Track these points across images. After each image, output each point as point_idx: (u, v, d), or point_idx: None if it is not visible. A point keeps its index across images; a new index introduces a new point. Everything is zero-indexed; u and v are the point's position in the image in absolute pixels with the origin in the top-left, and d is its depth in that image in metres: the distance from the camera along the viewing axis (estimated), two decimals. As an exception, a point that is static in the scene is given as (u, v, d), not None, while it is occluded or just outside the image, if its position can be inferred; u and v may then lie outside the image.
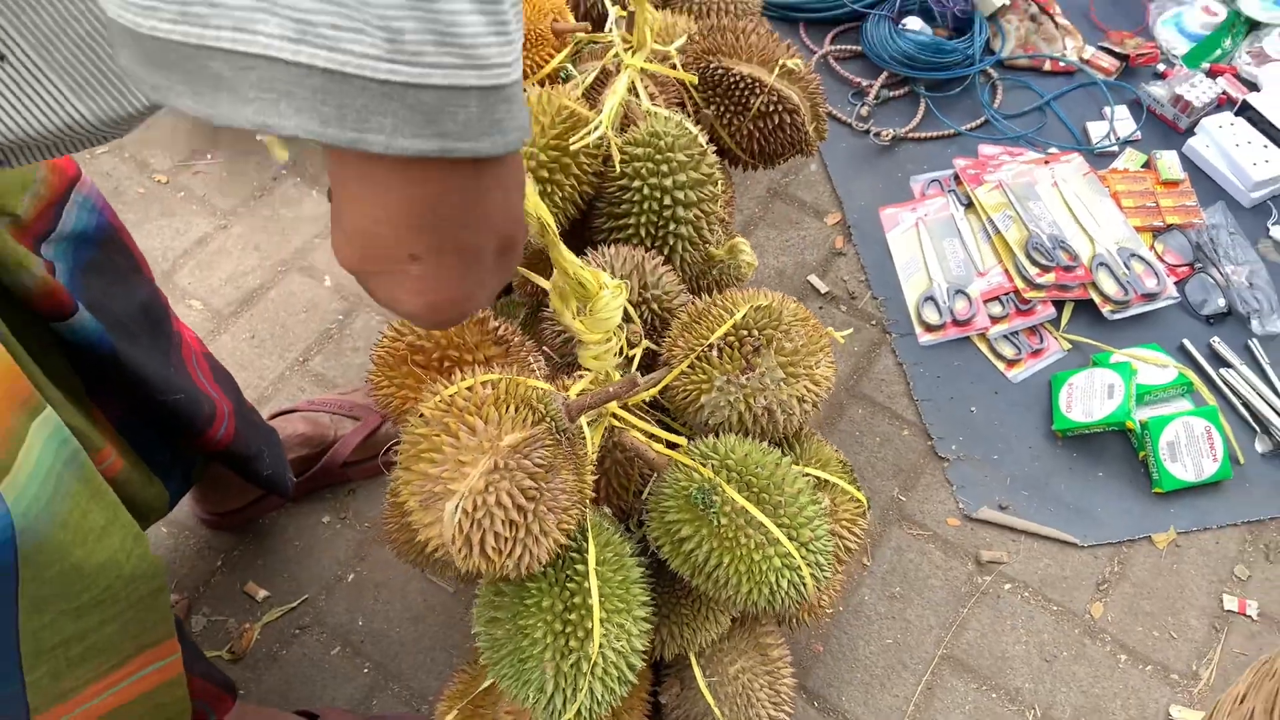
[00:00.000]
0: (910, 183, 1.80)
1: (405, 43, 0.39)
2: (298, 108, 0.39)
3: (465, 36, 0.40)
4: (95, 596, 0.84)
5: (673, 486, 0.92)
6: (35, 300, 0.83)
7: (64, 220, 0.90)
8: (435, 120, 0.41)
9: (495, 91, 0.43)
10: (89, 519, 0.81)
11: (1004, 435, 1.54)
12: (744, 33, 1.28)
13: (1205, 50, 1.95)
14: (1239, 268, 1.69)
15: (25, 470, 0.74)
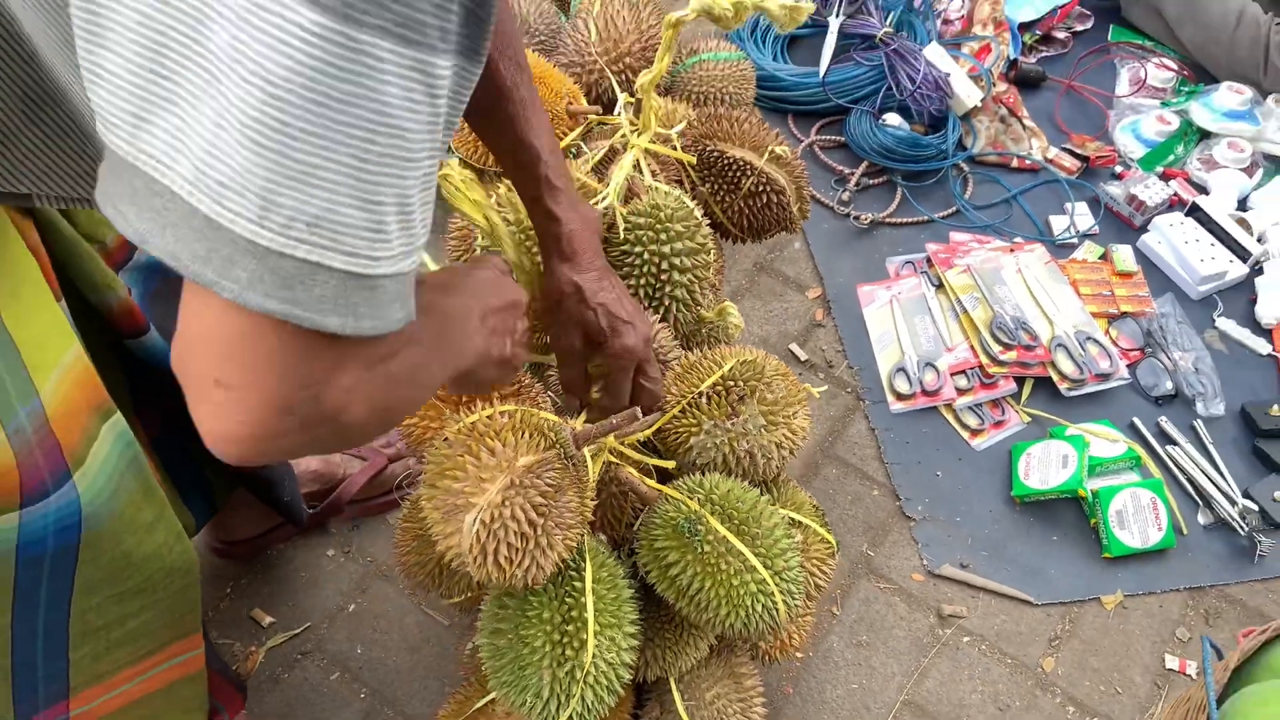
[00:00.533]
0: (886, 263, 1.95)
1: (278, 213, 0.46)
2: (178, 237, 0.47)
3: (338, 225, 0.48)
4: (138, 584, 0.93)
5: (662, 517, 1.03)
6: (116, 318, 0.95)
7: (139, 252, 1.02)
8: (289, 286, 0.47)
9: (357, 278, 0.49)
10: (141, 514, 0.91)
11: (967, 499, 1.66)
12: (737, 121, 1.43)
13: (1159, 155, 2.12)
14: (1186, 354, 1.82)
15: (95, 465, 0.85)
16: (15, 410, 0.78)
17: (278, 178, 0.46)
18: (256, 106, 0.45)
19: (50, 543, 0.83)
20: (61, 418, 0.81)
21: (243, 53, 0.44)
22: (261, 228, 0.47)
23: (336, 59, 0.45)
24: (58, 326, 0.82)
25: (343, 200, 0.48)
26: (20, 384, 0.78)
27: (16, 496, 0.78)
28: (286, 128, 0.45)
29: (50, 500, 0.81)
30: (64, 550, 0.84)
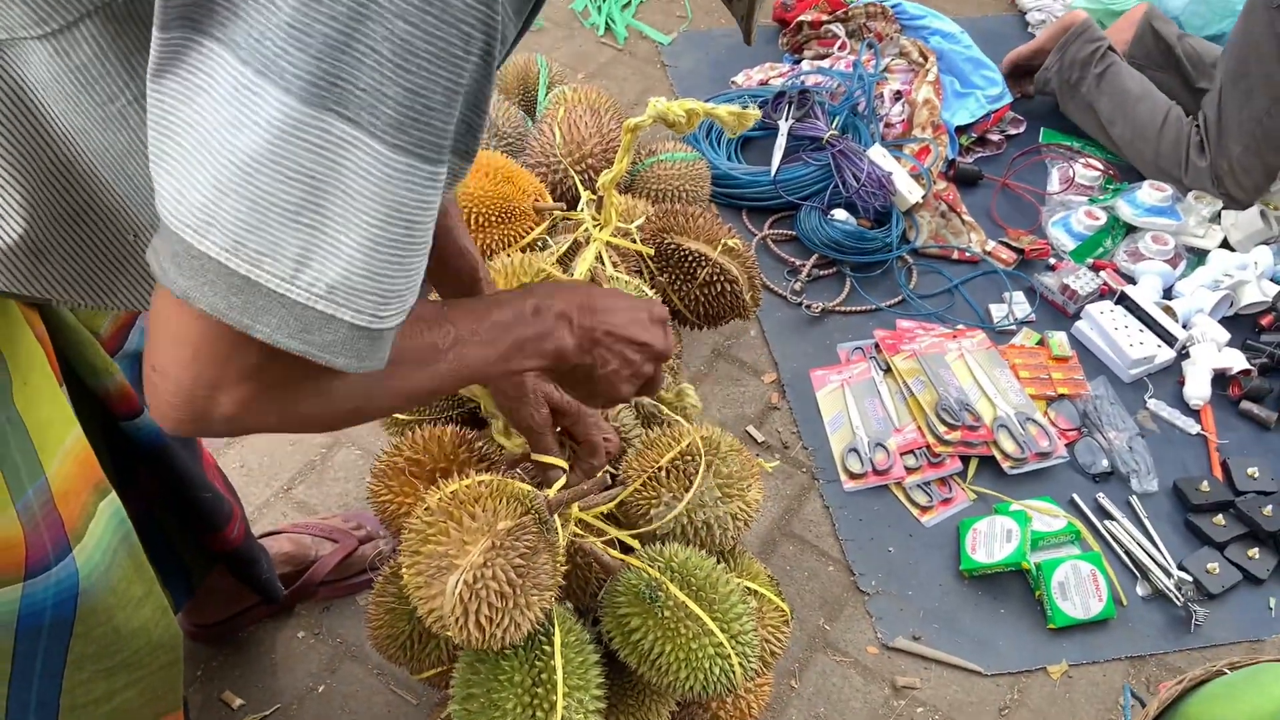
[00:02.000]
0: (837, 349, 2.05)
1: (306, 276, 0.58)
2: (215, 292, 0.57)
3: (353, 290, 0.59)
4: (125, 659, 0.97)
5: (624, 585, 1.09)
6: (113, 401, 1.01)
7: (130, 340, 1.09)
8: (309, 331, 0.59)
9: (363, 330, 0.61)
10: (132, 589, 0.96)
11: (918, 573, 1.73)
12: (693, 216, 1.54)
13: (1089, 248, 2.26)
14: (1120, 434, 1.93)
15: (92, 540, 0.90)
16: (25, 488, 0.83)
17: (310, 250, 0.58)
18: (298, 199, 0.56)
19: (49, 614, 0.87)
20: (64, 495, 0.87)
21: None
22: (293, 286, 0.58)
23: (366, 169, 0.57)
24: (61, 411, 0.88)
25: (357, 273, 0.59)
26: (30, 464, 0.84)
27: (21, 569, 0.83)
28: (322, 210, 0.57)
29: (51, 573, 0.86)
30: (60, 622, 0.89)
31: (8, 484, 0.82)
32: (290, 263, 0.57)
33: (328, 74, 0.54)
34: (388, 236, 0.59)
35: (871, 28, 2.60)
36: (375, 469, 1.18)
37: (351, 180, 0.57)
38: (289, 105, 0.54)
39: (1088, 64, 2.42)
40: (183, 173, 0.56)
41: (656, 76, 2.66)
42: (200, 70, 0.56)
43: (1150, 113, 2.35)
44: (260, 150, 0.55)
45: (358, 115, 0.55)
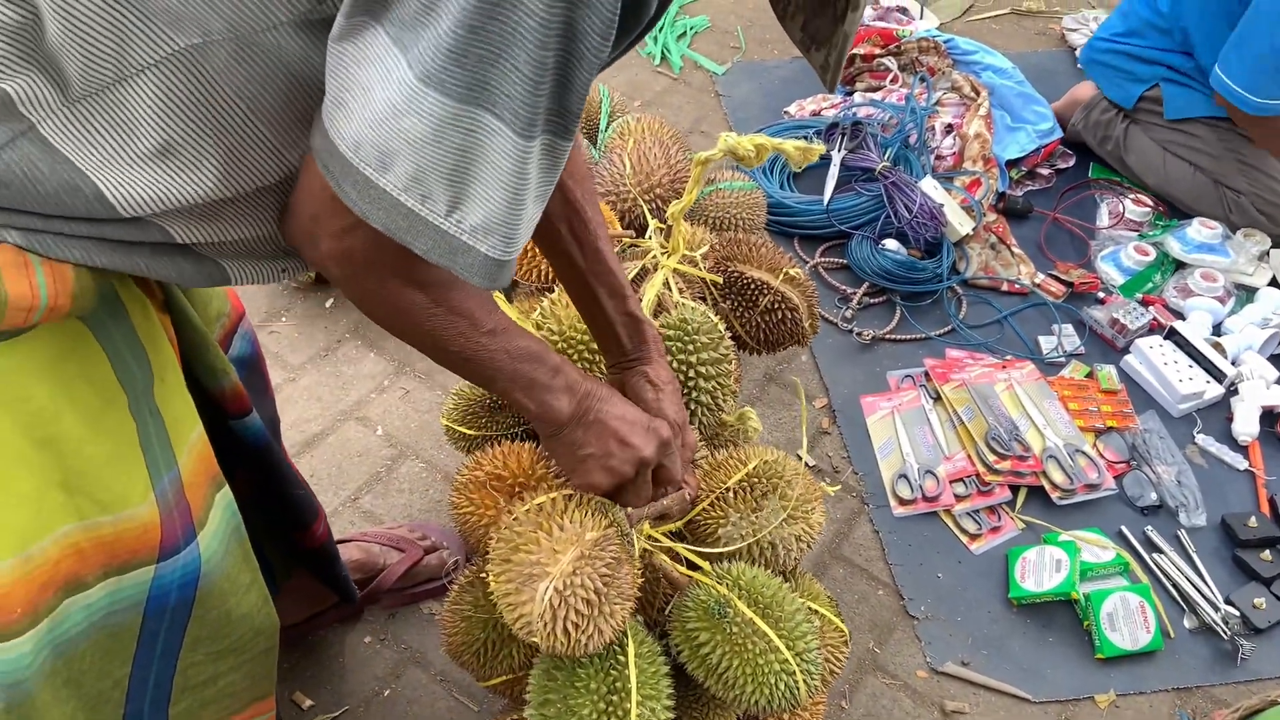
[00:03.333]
0: (887, 376, 2.09)
1: (455, 216, 0.74)
2: (388, 215, 0.73)
3: (489, 230, 0.76)
4: (232, 644, 1.04)
5: (693, 601, 1.14)
6: (227, 400, 1.08)
7: (233, 346, 1.16)
8: (454, 254, 0.76)
9: (494, 260, 0.77)
10: (241, 575, 1.03)
11: (966, 600, 1.76)
12: (755, 245, 1.59)
13: (1138, 283, 2.29)
14: (1169, 468, 1.95)
15: (211, 529, 0.98)
16: (162, 476, 0.90)
17: (460, 199, 0.74)
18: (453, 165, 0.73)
19: (174, 596, 0.94)
20: (191, 485, 0.94)
21: None
22: (446, 220, 0.74)
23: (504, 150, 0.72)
24: (188, 408, 0.95)
25: (494, 219, 0.76)
26: (166, 454, 0.91)
27: (155, 552, 0.91)
28: (470, 173, 0.74)
29: (180, 556, 0.93)
30: (182, 604, 0.95)
31: (149, 471, 0.89)
32: (444, 205, 0.73)
33: (479, 83, 0.69)
34: (517, 195, 0.75)
35: (924, 62, 2.65)
36: (457, 482, 1.23)
37: (493, 155, 0.72)
38: (447, 104, 0.70)
39: (1110, 125, 2.48)
40: (363, 127, 0.71)
41: (710, 105, 2.72)
42: (375, 53, 0.70)
43: (1179, 166, 2.39)
44: (426, 133, 0.71)
45: (501, 113, 0.71)
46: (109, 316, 0.86)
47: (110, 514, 0.87)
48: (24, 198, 0.74)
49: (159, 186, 0.77)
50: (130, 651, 0.95)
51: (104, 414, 0.86)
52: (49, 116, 0.73)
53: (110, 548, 0.89)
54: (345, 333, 2.05)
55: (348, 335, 2.04)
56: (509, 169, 0.73)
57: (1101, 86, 2.53)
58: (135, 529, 0.90)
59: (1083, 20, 3.04)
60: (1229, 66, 2.17)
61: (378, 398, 1.95)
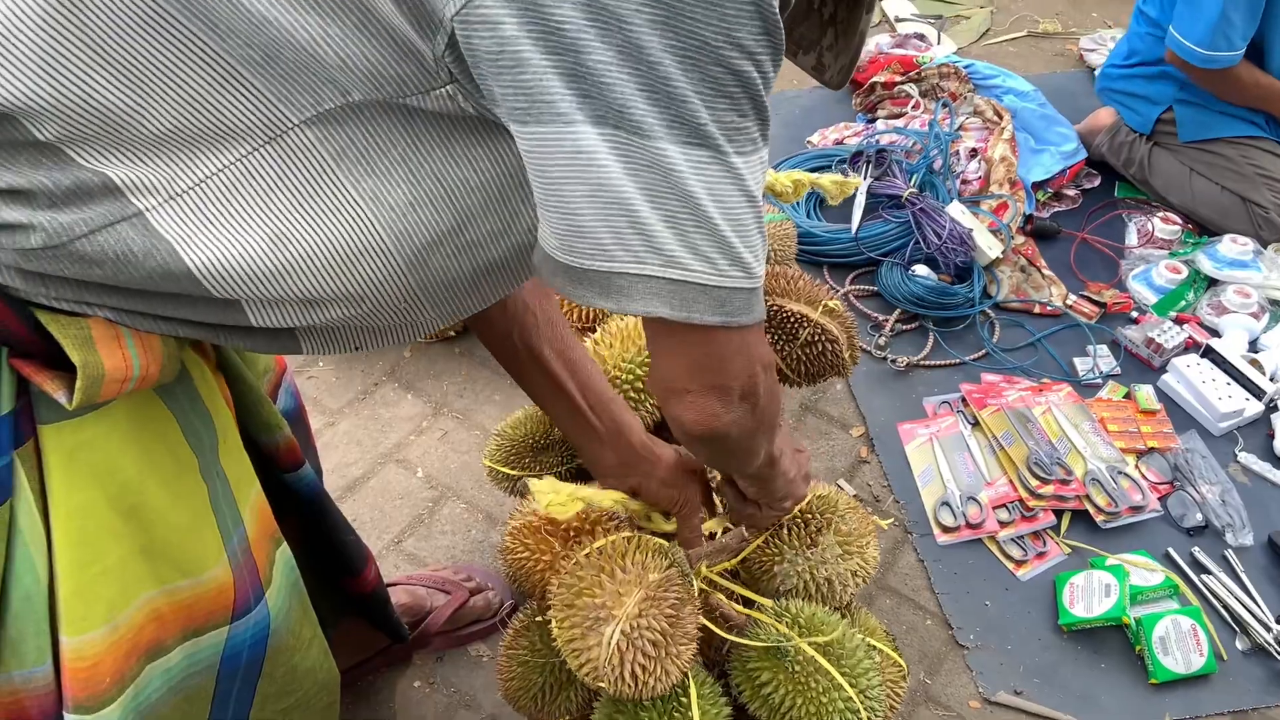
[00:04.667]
0: (923, 402, 2.08)
1: (718, 265, 0.68)
2: (661, 301, 0.69)
3: (745, 262, 0.70)
4: (298, 699, 1.04)
5: (754, 639, 1.13)
6: (280, 455, 1.08)
7: (279, 399, 1.16)
8: (724, 305, 0.71)
9: (753, 291, 0.72)
10: (303, 631, 1.03)
11: (1016, 627, 1.74)
12: (793, 279, 1.59)
13: (1171, 301, 2.28)
14: (1213, 487, 1.93)
15: (275, 586, 0.98)
16: (231, 536, 0.91)
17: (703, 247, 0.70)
18: (694, 215, 0.69)
19: (245, 655, 0.95)
20: (255, 544, 0.95)
21: None
22: (712, 274, 0.70)
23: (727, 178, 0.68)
24: (246, 467, 0.96)
25: (739, 247, 0.70)
26: (233, 514, 0.92)
27: (229, 613, 0.91)
28: (713, 216, 0.70)
29: (251, 615, 0.94)
30: (253, 662, 0.96)
31: (221, 533, 0.90)
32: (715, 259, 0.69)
33: (691, 122, 0.65)
34: (754, 216, 0.71)
35: (945, 87, 2.66)
36: (510, 527, 1.23)
37: (720, 190, 0.68)
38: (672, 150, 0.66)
39: (1134, 148, 2.49)
40: (605, 226, 0.68)
41: (733, 137, 2.73)
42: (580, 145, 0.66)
43: (1205, 185, 2.40)
44: (686, 192, 0.67)
45: (716, 144, 0.67)
46: (175, 381, 0.87)
47: (189, 577, 0.88)
48: (117, 276, 0.73)
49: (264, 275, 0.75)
50: (205, 714, 0.96)
51: (180, 479, 0.87)
52: (161, 204, 0.71)
53: (189, 611, 0.89)
54: (382, 375, 2.06)
55: (384, 378, 2.06)
56: (739, 185, 0.69)
57: (1120, 113, 2.54)
58: (211, 591, 0.91)
59: (1100, 40, 3.05)
60: (1181, 24, 2.23)
61: (417, 439, 1.95)
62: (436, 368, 2.08)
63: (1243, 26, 2.18)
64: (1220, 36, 2.18)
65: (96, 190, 0.71)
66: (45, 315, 0.76)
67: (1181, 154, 2.44)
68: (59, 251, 0.72)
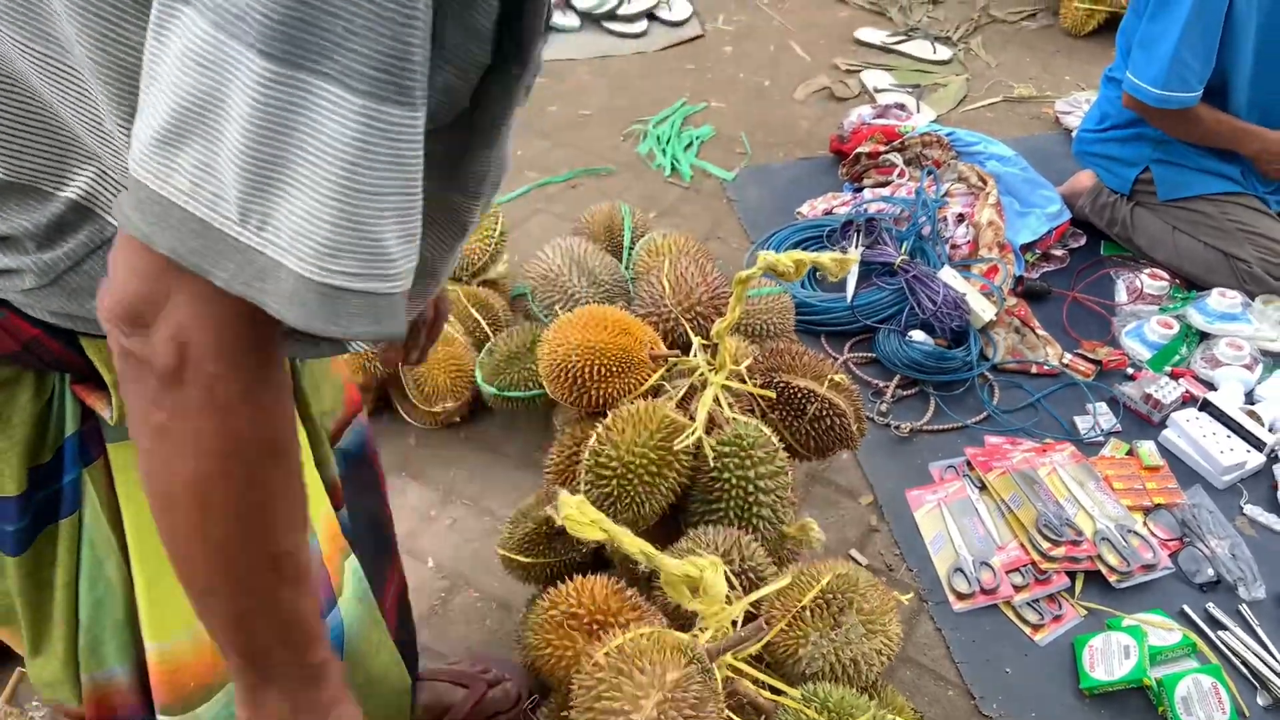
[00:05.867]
0: (929, 468, 2.09)
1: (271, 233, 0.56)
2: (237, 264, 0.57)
3: (340, 250, 0.57)
4: (376, 704, 1.07)
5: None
6: (333, 492, 1.10)
7: (345, 438, 1.17)
8: (262, 279, 0.57)
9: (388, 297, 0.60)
10: (372, 637, 1.07)
11: (1038, 694, 1.73)
12: (798, 355, 1.61)
13: (1165, 357, 2.31)
14: (1222, 541, 1.94)
15: (346, 595, 1.02)
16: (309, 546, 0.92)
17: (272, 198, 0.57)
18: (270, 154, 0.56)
19: None
20: (327, 556, 0.99)
21: None
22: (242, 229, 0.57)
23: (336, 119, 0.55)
24: (316, 486, 1.00)
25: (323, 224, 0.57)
26: None
27: None
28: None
29: (327, 620, 0.97)
30: None
31: None
32: (238, 211, 0.56)
33: (294, 31, 0.53)
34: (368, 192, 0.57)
35: (929, 155, 2.72)
36: (533, 623, 1.23)
37: (322, 128, 0.55)
38: (256, 63, 0.53)
39: (1116, 209, 2.55)
40: (147, 123, 0.57)
41: (724, 211, 2.78)
42: (174, 29, 0.55)
43: (1187, 241, 2.45)
44: (245, 113, 0.54)
45: (328, 68, 0.54)
46: None
47: None
48: None
49: None
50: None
51: None
52: None
53: None
54: (388, 464, 2.05)
55: (390, 468, 2.05)
56: (335, 130, 0.55)
57: (1099, 175, 2.60)
58: None
59: (1074, 103, 3.13)
60: (1137, 67, 2.30)
61: (426, 528, 1.95)
62: (443, 455, 2.09)
63: (1198, 68, 2.24)
64: (1175, 77, 2.24)
65: (71, 219, 0.74)
66: (85, 339, 0.80)
67: (1162, 212, 2.49)
68: (51, 289, 0.76)
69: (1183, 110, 2.30)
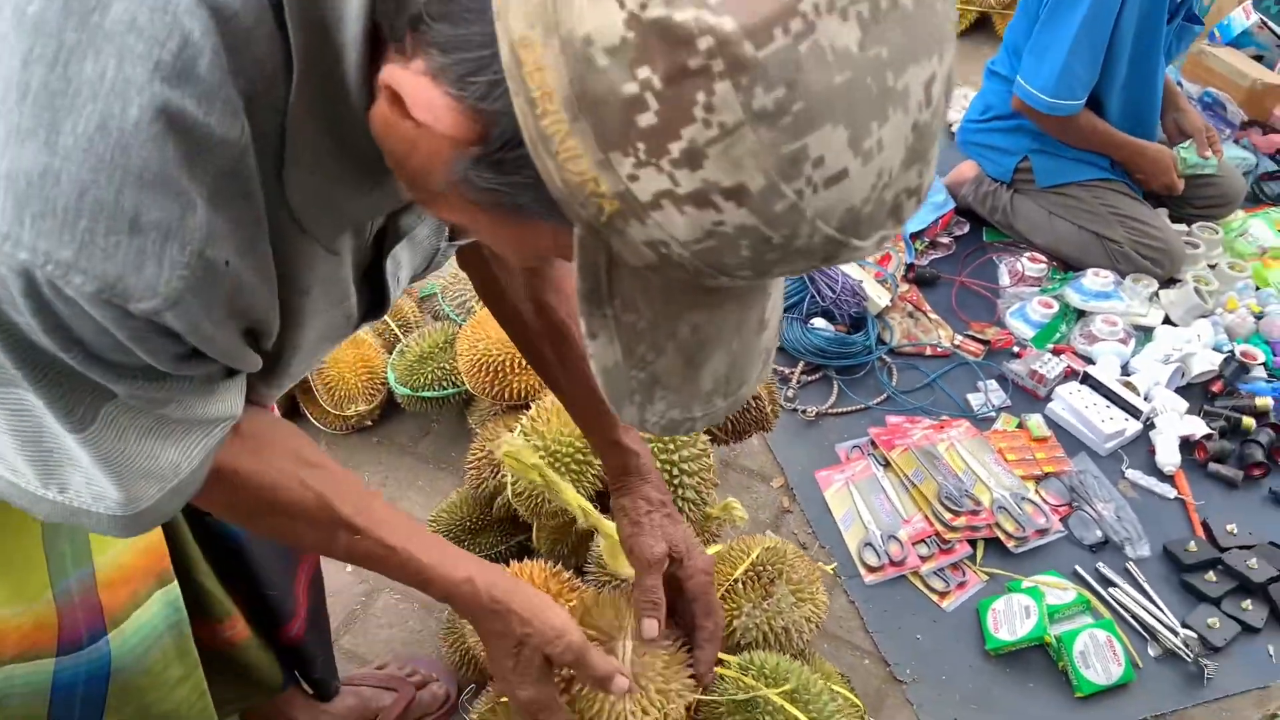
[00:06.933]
0: (836, 448, 2.16)
1: None
2: None
3: None
4: None
5: (721, 692, 1.16)
6: None
7: None
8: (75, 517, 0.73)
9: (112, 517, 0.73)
10: (169, 672, 1.05)
11: (947, 657, 1.81)
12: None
13: (1047, 335, 2.44)
14: (1107, 504, 2.07)
15: (134, 626, 1.01)
16: (68, 575, 0.95)
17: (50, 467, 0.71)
18: None
19: (80, 688, 0.98)
20: (109, 584, 0.98)
21: None
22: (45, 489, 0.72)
23: None
24: None
25: (98, 482, 0.72)
26: (79, 554, 0.96)
27: (53, 646, 0.95)
28: None
29: (83, 652, 0.97)
30: (93, 696, 0.99)
31: (50, 571, 0.94)
32: (36, 475, 0.71)
33: None
34: (104, 460, 0.69)
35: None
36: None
37: (49, 424, 0.67)
38: None
39: (996, 196, 2.69)
40: None
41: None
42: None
43: (1064, 225, 2.60)
44: None
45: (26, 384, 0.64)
46: None
47: (2, 608, 0.93)
48: None
49: None
50: None
51: (5, 519, 0.90)
52: None
53: (4, 637, 0.94)
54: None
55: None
56: (75, 447, 0.68)
57: (981, 164, 2.73)
58: (28, 624, 0.94)
59: (953, 98, 3.27)
60: (1028, 74, 2.45)
61: (342, 532, 1.92)
62: (355, 459, 2.06)
63: (1084, 76, 2.40)
64: (1064, 86, 2.39)
65: None
66: None
67: (1040, 198, 2.64)
68: None
69: (1068, 117, 2.44)
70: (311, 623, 1.41)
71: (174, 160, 0.55)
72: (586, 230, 0.54)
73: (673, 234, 0.51)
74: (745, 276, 0.54)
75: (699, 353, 0.63)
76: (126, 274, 0.55)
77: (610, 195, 0.51)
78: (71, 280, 0.55)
